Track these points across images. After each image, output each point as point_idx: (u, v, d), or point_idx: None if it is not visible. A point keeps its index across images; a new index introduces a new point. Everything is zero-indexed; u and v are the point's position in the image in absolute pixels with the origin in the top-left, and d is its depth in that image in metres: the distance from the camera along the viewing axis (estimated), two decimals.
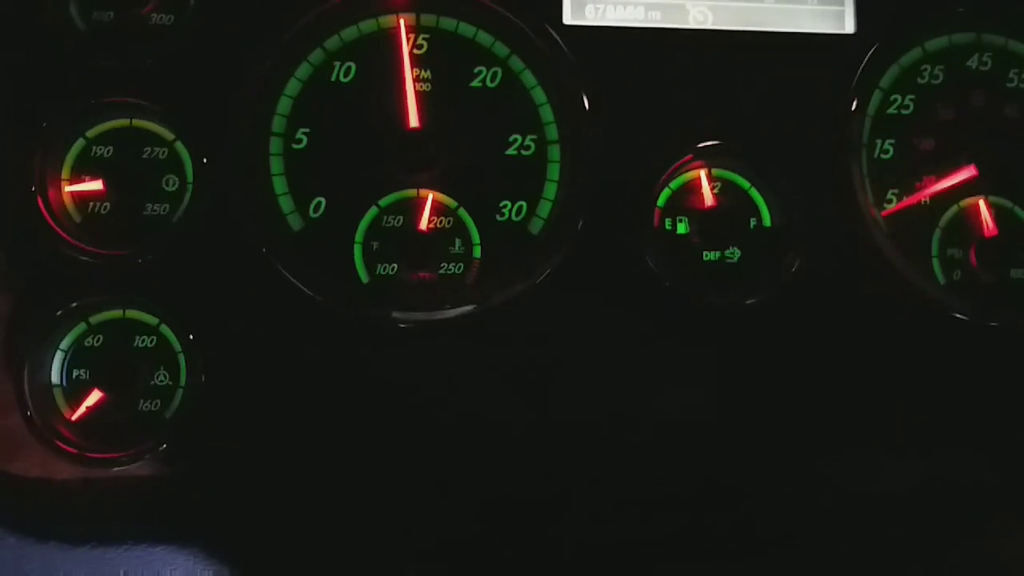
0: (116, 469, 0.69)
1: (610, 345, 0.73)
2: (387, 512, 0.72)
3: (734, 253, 0.74)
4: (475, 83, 0.74)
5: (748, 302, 0.73)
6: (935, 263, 0.77)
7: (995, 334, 0.75)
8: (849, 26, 0.76)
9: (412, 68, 0.73)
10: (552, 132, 0.74)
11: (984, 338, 0.75)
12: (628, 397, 0.73)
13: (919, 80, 0.78)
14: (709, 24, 0.75)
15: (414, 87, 0.73)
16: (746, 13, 0.75)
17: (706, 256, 0.74)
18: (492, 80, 0.75)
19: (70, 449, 0.69)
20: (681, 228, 0.74)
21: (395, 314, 0.72)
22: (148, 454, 0.69)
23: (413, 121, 0.72)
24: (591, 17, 0.74)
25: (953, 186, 0.76)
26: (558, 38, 0.73)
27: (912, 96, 0.78)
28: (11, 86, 0.71)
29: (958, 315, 0.74)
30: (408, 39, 0.74)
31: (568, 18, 0.74)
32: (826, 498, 0.74)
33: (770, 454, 0.74)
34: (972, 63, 0.79)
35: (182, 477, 0.70)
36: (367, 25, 0.74)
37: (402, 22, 0.73)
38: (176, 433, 0.70)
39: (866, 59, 0.76)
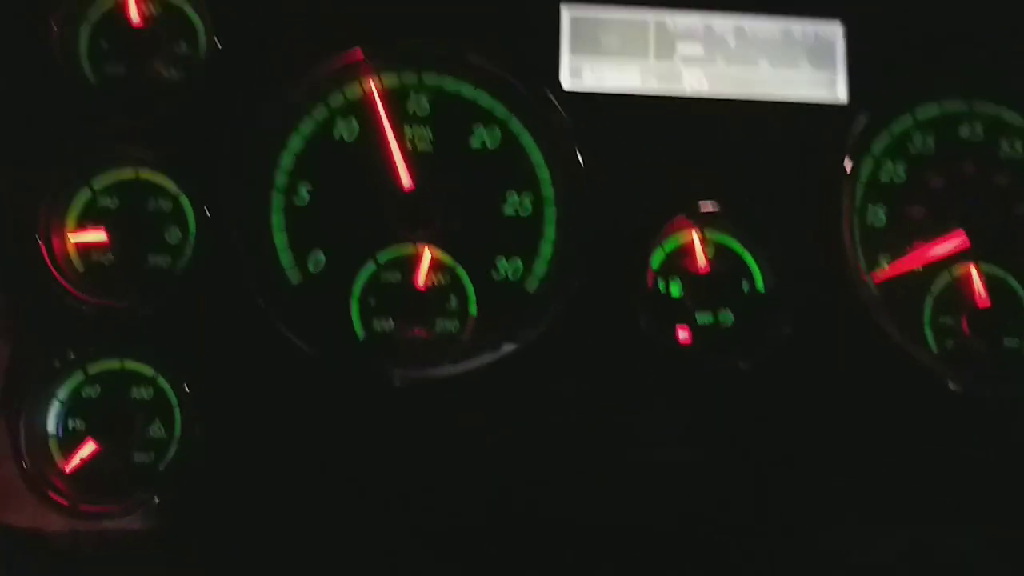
0: (108, 522, 0.69)
1: (603, 406, 0.73)
2: (379, 568, 0.72)
3: (727, 317, 0.75)
4: (474, 143, 0.76)
5: (741, 366, 0.73)
6: (927, 331, 0.77)
7: (987, 404, 0.75)
8: (842, 94, 0.77)
9: (411, 127, 0.75)
10: (549, 192, 0.76)
11: (976, 408, 0.75)
12: (620, 457, 0.73)
13: (910, 148, 0.79)
14: (704, 91, 0.77)
15: (413, 146, 0.74)
16: (741, 80, 0.77)
17: (699, 319, 0.75)
18: (491, 140, 0.76)
19: (63, 501, 0.69)
20: (675, 290, 0.75)
21: (390, 371, 0.72)
22: (141, 507, 0.69)
23: (406, 182, 0.73)
24: (589, 82, 0.76)
25: (945, 254, 0.77)
26: (556, 102, 0.75)
27: (903, 163, 0.79)
28: (21, 135, 0.72)
29: (951, 385, 0.75)
30: (408, 99, 0.75)
31: (566, 83, 0.76)
32: (815, 566, 0.74)
33: (760, 519, 0.74)
34: (964, 132, 0.80)
35: (174, 531, 0.70)
36: (368, 82, 0.75)
37: (373, 85, 0.75)
38: (169, 486, 0.70)
39: (858, 127, 0.77)
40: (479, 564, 0.73)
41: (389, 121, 0.74)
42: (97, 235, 0.73)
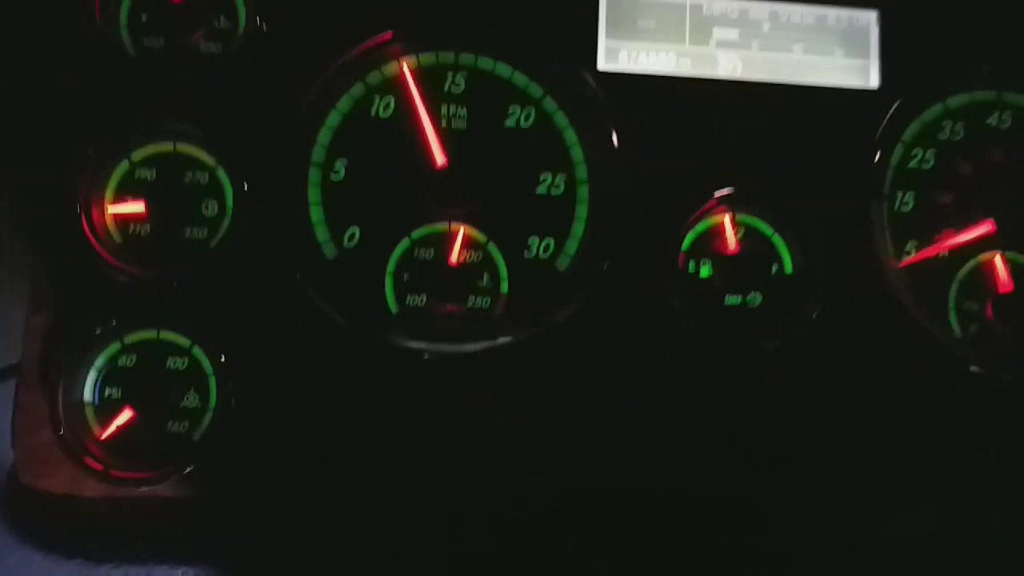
0: (143, 489, 0.70)
1: (631, 384, 0.74)
2: (408, 539, 0.73)
3: (755, 298, 0.76)
4: (509, 122, 0.77)
5: (768, 348, 0.74)
6: (952, 315, 0.78)
7: (1010, 388, 0.76)
8: (874, 81, 0.78)
9: (448, 105, 0.76)
10: (582, 172, 0.76)
11: (999, 391, 0.76)
12: (647, 436, 0.74)
13: (940, 135, 0.80)
14: (738, 74, 0.77)
15: (448, 124, 0.75)
16: (774, 65, 0.78)
17: (728, 300, 0.75)
18: (526, 120, 0.77)
19: (98, 467, 0.70)
20: (704, 271, 0.76)
21: (422, 345, 0.73)
22: (175, 475, 0.70)
23: (440, 160, 0.74)
24: (624, 63, 0.76)
25: (971, 240, 0.78)
26: (592, 82, 0.76)
27: (933, 150, 0.80)
28: (62, 107, 0.73)
29: (974, 368, 0.76)
30: (444, 78, 0.76)
31: (602, 64, 0.76)
32: (839, 543, 0.75)
33: (784, 498, 0.75)
34: (992, 120, 0.81)
35: (208, 499, 0.71)
36: (407, 62, 0.76)
37: (409, 64, 0.75)
38: (203, 455, 0.71)
39: (889, 114, 0.78)
40: (504, 538, 0.74)
41: (425, 100, 0.75)
42: (135, 207, 0.73)
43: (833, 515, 0.75)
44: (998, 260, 0.78)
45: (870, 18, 0.78)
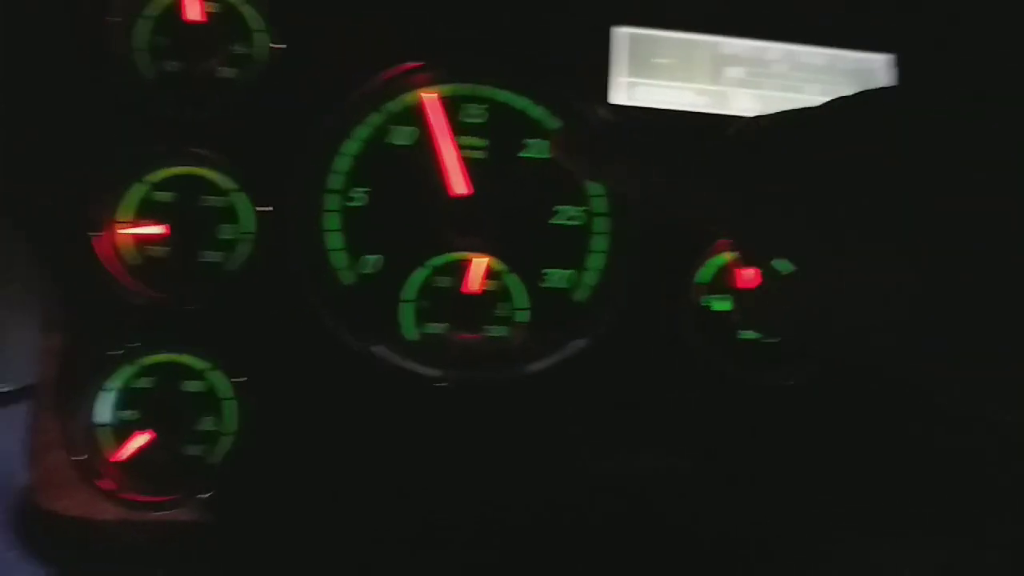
0: (159, 513, 0.70)
1: (646, 417, 0.76)
2: (426, 563, 0.73)
3: None
4: (525, 153, 0.78)
5: (787, 383, 0.76)
6: None
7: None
8: None
9: (465, 136, 0.76)
10: (599, 205, 0.77)
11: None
12: (661, 469, 0.75)
13: None
14: (751, 113, 0.79)
15: (466, 154, 0.76)
16: (787, 104, 0.78)
17: (742, 335, 0.77)
18: (543, 151, 0.78)
19: (114, 490, 0.70)
20: (723, 305, 0.77)
21: (440, 373, 0.74)
22: (191, 499, 0.70)
23: (459, 188, 0.75)
24: (640, 98, 0.78)
25: None
26: (608, 115, 0.77)
27: None
28: (77, 129, 0.73)
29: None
30: (463, 109, 0.77)
31: (618, 99, 0.77)
32: None
33: (801, 537, 0.77)
34: None
35: (224, 525, 0.71)
36: (429, 91, 0.77)
37: (429, 96, 0.76)
38: (220, 480, 0.71)
39: None
40: (519, 565, 0.75)
41: (443, 129, 0.75)
42: (151, 229, 0.74)
43: (853, 554, 0.77)
44: None
45: (879, 61, 0.80)
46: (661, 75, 0.78)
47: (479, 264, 0.75)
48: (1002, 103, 0.44)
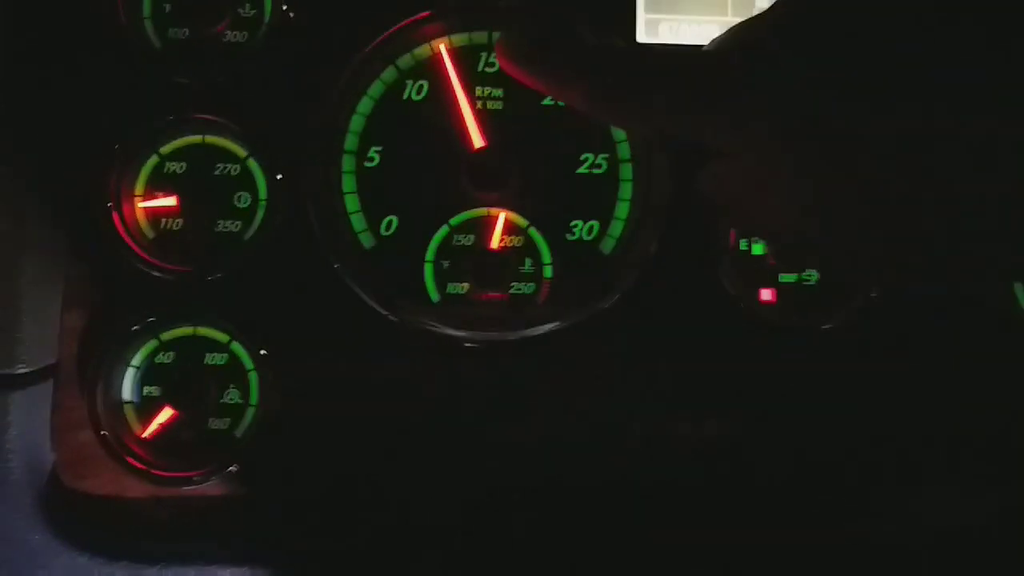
0: (187, 488, 0.69)
1: (682, 367, 0.72)
2: (455, 528, 0.71)
3: (811, 275, 0.73)
4: (547, 101, 0.74)
5: (825, 326, 0.71)
6: (1018, 290, 0.75)
7: None
8: None
9: (482, 87, 0.73)
10: (624, 151, 0.74)
11: None
12: (699, 420, 0.72)
13: None
14: None
15: (484, 105, 0.73)
16: None
17: (782, 278, 0.73)
18: None
19: (141, 467, 0.69)
20: (757, 248, 0.73)
21: (465, 333, 0.71)
22: (218, 474, 0.69)
23: (477, 141, 0.72)
24: (665, 36, 0.74)
25: None
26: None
27: None
28: (87, 102, 0.72)
29: None
30: (479, 58, 0.74)
31: (642, 36, 0.74)
32: (905, 529, 0.72)
33: (843, 482, 0.73)
34: None
35: (253, 497, 0.70)
36: (438, 44, 0.74)
37: (442, 45, 0.73)
38: (246, 452, 0.70)
39: None
40: (550, 529, 0.72)
41: (460, 81, 0.72)
42: (166, 201, 0.72)
43: (897, 498, 0.73)
44: None
45: None
46: (687, 11, 0.74)
47: (501, 220, 0.72)
48: None
